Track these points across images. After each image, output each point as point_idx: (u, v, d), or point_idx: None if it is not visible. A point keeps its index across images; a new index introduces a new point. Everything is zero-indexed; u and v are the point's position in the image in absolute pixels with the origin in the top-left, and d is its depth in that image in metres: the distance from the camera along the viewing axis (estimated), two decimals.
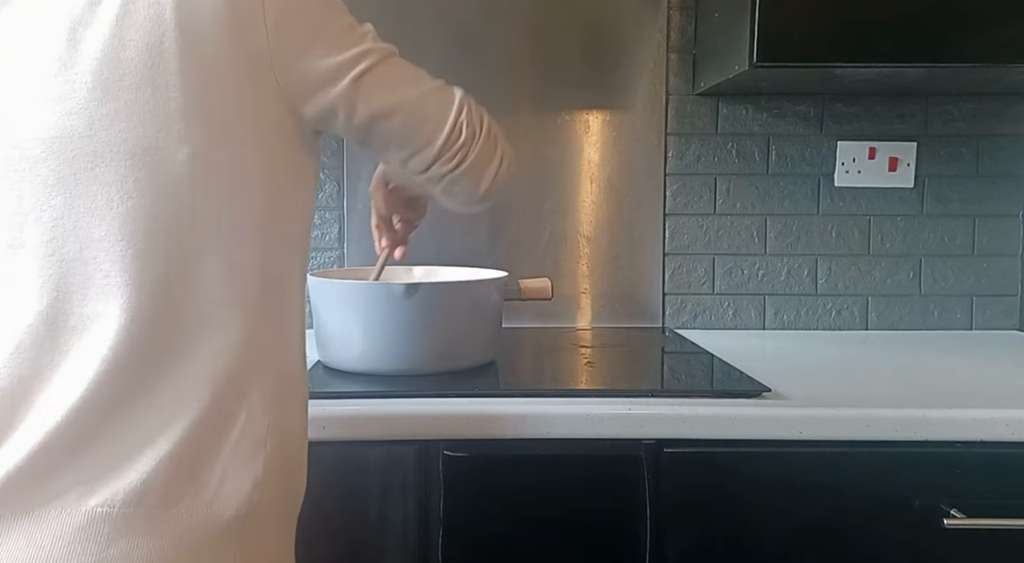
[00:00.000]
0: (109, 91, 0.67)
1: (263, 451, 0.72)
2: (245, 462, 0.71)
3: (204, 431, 0.69)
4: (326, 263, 1.61)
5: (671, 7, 1.58)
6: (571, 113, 1.59)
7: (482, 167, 0.86)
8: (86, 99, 0.67)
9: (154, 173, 0.68)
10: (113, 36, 0.67)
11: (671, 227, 1.62)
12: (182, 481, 0.68)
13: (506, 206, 1.60)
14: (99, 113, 0.67)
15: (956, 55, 1.26)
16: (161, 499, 0.67)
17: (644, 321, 1.62)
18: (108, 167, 0.67)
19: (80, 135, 0.67)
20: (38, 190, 0.68)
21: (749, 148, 1.60)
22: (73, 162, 0.67)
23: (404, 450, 1.03)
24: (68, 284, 0.68)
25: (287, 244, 0.77)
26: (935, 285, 1.62)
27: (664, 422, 1.03)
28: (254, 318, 0.72)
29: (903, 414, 1.03)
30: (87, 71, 0.67)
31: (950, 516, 1.00)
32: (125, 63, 0.67)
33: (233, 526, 0.70)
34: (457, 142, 0.82)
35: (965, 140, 1.60)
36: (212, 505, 0.69)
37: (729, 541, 1.04)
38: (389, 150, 0.84)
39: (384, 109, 0.78)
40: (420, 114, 0.81)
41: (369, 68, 0.76)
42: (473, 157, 0.84)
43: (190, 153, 0.68)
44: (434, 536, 1.04)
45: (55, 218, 0.67)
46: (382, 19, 1.54)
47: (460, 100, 0.83)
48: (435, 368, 1.17)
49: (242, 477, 0.70)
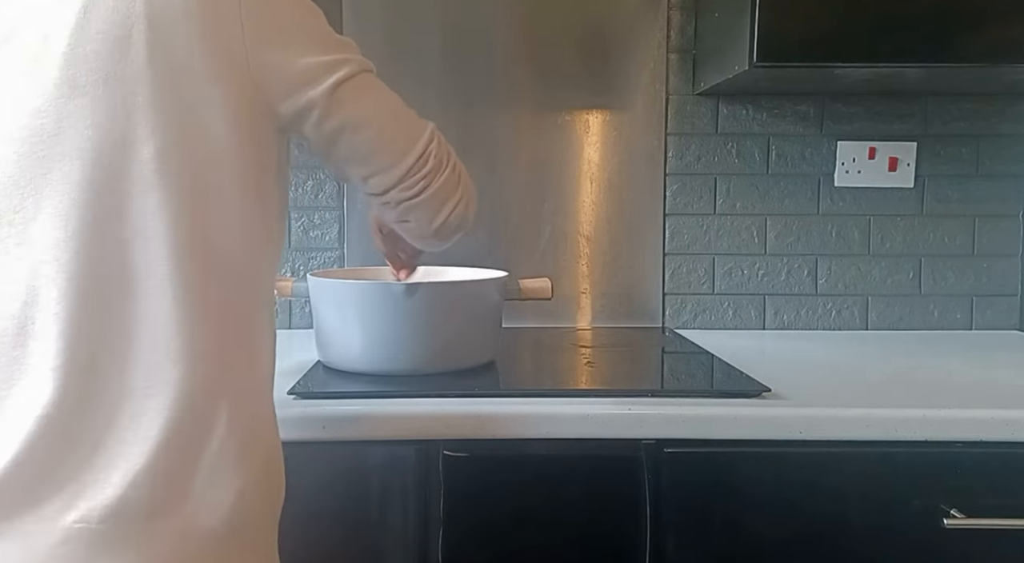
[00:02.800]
0: (77, 86, 0.66)
1: (244, 461, 0.71)
2: (227, 472, 0.69)
3: (182, 442, 0.67)
4: (326, 263, 1.61)
5: (671, 7, 1.58)
6: (571, 113, 1.59)
7: (441, 200, 0.84)
8: (54, 96, 0.66)
9: (120, 170, 0.67)
10: (80, 28, 0.66)
11: (671, 227, 1.62)
12: (163, 493, 0.66)
13: (506, 206, 1.60)
14: (67, 110, 0.66)
15: (956, 55, 1.26)
16: (142, 512, 0.65)
17: (644, 321, 1.62)
18: (74, 165, 0.66)
19: (50, 134, 0.66)
20: (11, 192, 0.67)
21: (749, 148, 1.60)
22: (44, 161, 0.66)
23: (404, 450, 1.03)
24: (37, 287, 0.66)
25: (260, 245, 0.75)
26: (935, 285, 1.62)
27: (664, 422, 1.03)
28: (224, 323, 0.71)
29: (903, 414, 1.03)
30: (54, 66, 0.66)
31: (950, 516, 1.00)
32: (92, 57, 0.66)
33: (215, 538, 0.68)
34: (422, 170, 0.81)
35: (965, 140, 1.60)
36: (194, 517, 0.67)
37: (729, 541, 1.04)
38: (351, 165, 0.82)
39: (357, 120, 0.77)
40: (391, 134, 0.80)
41: (350, 76, 0.75)
42: (435, 188, 0.82)
43: (157, 149, 0.67)
44: (434, 536, 1.04)
45: (27, 219, 0.67)
46: (383, 19, 1.56)
47: (431, 130, 0.83)
48: (435, 368, 1.17)
49: (224, 488, 0.69)
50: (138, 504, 0.65)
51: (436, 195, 0.83)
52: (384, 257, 1.15)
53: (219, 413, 0.70)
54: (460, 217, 0.87)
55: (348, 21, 1.55)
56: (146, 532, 0.66)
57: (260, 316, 0.77)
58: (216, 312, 0.70)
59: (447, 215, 0.85)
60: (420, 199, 0.82)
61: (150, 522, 0.66)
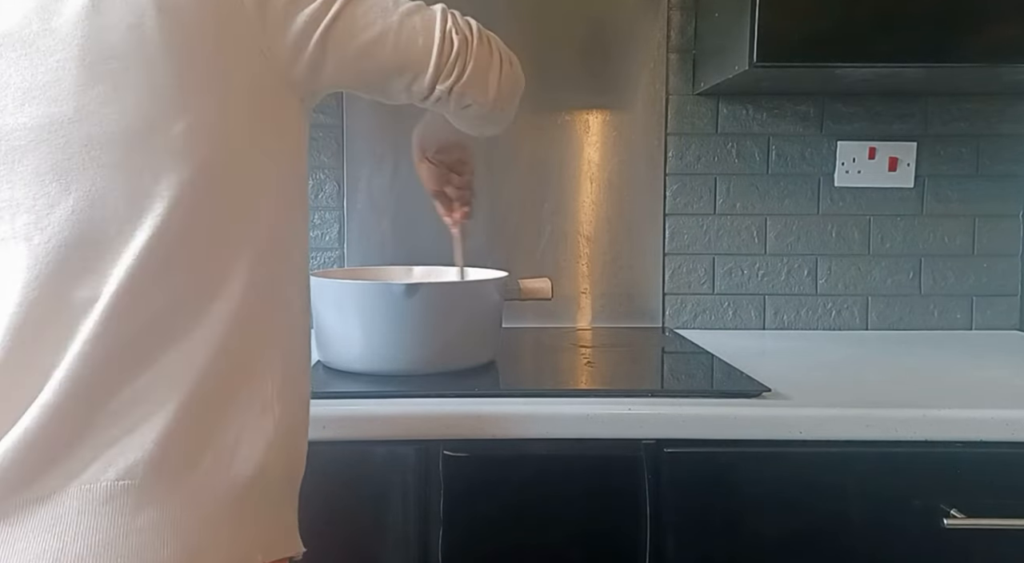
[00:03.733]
0: (96, 74, 0.67)
1: (272, 413, 0.73)
2: (256, 424, 0.72)
3: (212, 395, 0.70)
4: (326, 263, 1.61)
5: (671, 7, 1.58)
6: (571, 113, 1.59)
7: (484, 71, 0.84)
8: (72, 84, 0.67)
9: (154, 150, 0.68)
10: (91, 20, 0.67)
11: (671, 227, 1.62)
12: (198, 445, 0.69)
13: (506, 206, 1.60)
14: (87, 97, 0.67)
15: (956, 55, 1.26)
16: (180, 464, 0.68)
17: (644, 321, 1.62)
18: (104, 149, 0.67)
19: (69, 120, 0.67)
20: (30, 179, 0.67)
21: (749, 148, 1.60)
22: (66, 147, 0.67)
23: (404, 450, 1.03)
24: (65, 269, 0.67)
25: (288, 209, 0.77)
26: (935, 285, 1.62)
27: (664, 422, 1.03)
28: (255, 281, 0.73)
29: (903, 414, 1.03)
30: (69, 58, 0.67)
31: (950, 516, 1.00)
32: (109, 46, 0.67)
33: (249, 488, 0.71)
34: (451, 52, 0.80)
35: (965, 140, 1.60)
36: (231, 467, 0.70)
37: (729, 541, 1.04)
38: (390, 82, 0.82)
39: (370, 41, 0.77)
40: (407, 36, 0.79)
41: (344, 6, 0.75)
42: (473, 64, 0.82)
43: (186, 125, 0.68)
44: (434, 536, 1.04)
45: (50, 205, 0.67)
46: None
47: (442, 11, 0.82)
48: (435, 368, 1.17)
49: (255, 439, 0.71)
50: (177, 455, 0.67)
51: (477, 68, 0.83)
52: (434, 199, 1.16)
53: (251, 367, 0.72)
54: (511, 76, 0.87)
55: None
56: (187, 483, 0.68)
57: (291, 274, 0.78)
58: (249, 269, 0.72)
59: (497, 81, 0.85)
60: (464, 79, 0.82)
61: (191, 472, 0.68)
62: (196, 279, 0.70)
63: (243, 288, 0.72)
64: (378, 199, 1.59)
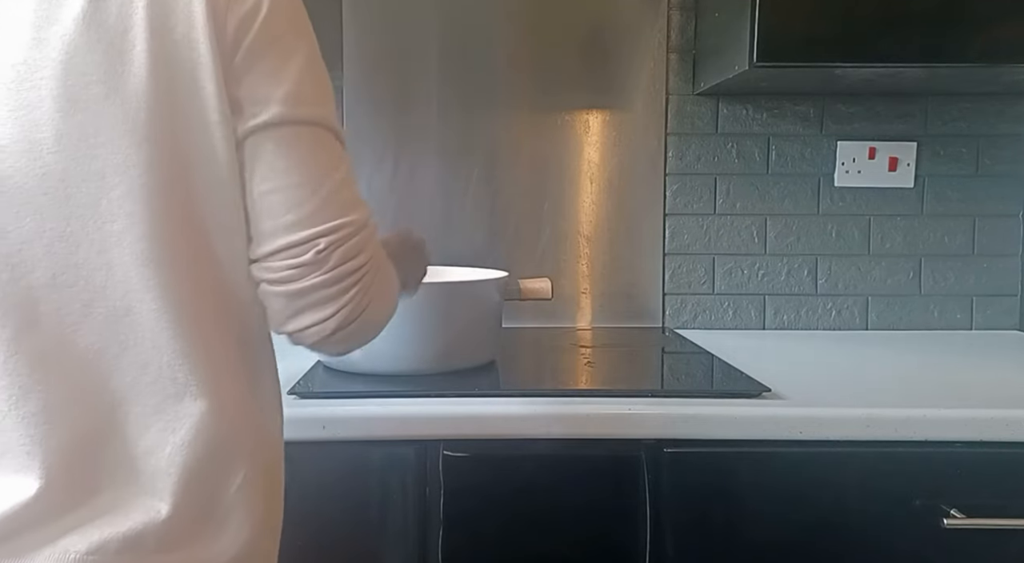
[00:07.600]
0: (76, 100, 0.61)
1: (260, 488, 0.69)
2: (246, 504, 0.68)
3: (204, 481, 0.66)
4: None
5: (671, 7, 1.58)
6: (571, 113, 1.59)
7: (306, 306, 0.68)
8: (52, 109, 0.61)
9: (129, 191, 0.62)
10: (80, 36, 0.61)
11: (671, 227, 1.62)
12: (185, 524, 0.65)
13: (506, 206, 1.60)
14: (66, 126, 0.61)
15: (956, 55, 1.26)
16: (158, 545, 0.63)
17: (644, 321, 1.62)
18: (80, 188, 0.62)
19: (49, 150, 0.61)
20: (3, 208, 0.62)
21: (749, 148, 1.60)
22: (43, 180, 0.62)
23: (404, 450, 1.03)
24: (38, 313, 0.62)
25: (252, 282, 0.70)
26: (935, 285, 1.62)
27: (664, 422, 1.03)
28: (229, 354, 0.68)
29: (903, 414, 1.03)
30: (52, 77, 0.61)
31: (950, 516, 1.00)
32: (92, 68, 0.61)
33: None
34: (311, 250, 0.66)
35: (965, 140, 1.60)
36: (210, 549, 0.66)
37: (729, 541, 1.04)
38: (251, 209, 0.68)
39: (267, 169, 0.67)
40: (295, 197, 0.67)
41: (297, 121, 0.67)
42: (303, 287, 0.67)
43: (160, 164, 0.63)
44: (434, 536, 1.04)
45: (23, 241, 0.62)
46: (383, 19, 1.56)
47: (357, 222, 0.70)
48: (435, 368, 1.17)
49: (243, 520, 0.68)
50: (158, 535, 0.63)
51: (302, 295, 0.67)
52: None
53: (239, 453, 0.68)
54: (324, 333, 0.69)
55: (348, 21, 1.55)
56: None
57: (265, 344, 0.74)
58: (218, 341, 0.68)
59: (306, 325, 0.69)
60: (278, 290, 0.68)
61: (168, 554, 0.64)
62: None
63: (223, 358, 0.67)
64: (378, 199, 1.58)
